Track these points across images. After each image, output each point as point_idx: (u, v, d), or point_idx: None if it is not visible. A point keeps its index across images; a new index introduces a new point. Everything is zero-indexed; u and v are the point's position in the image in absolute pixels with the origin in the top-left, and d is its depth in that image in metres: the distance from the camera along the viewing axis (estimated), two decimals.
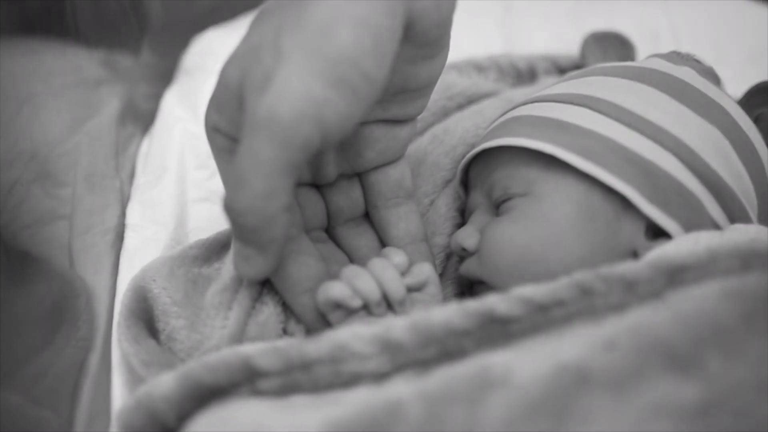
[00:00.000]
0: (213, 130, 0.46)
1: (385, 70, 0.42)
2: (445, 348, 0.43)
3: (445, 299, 0.55)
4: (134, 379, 0.49)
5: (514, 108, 0.56)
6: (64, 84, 0.66)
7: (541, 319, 0.43)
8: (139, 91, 0.72)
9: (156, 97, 0.73)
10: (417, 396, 0.38)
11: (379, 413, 0.37)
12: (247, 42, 0.43)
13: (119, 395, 0.50)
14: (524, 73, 0.71)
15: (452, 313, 0.43)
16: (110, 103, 0.68)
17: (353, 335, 0.43)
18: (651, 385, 0.37)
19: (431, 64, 0.47)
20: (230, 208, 0.42)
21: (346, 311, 0.48)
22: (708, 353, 0.37)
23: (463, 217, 0.59)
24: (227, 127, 0.45)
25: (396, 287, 0.48)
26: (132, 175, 0.65)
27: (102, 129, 0.65)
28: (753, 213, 0.52)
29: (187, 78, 0.76)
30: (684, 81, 0.53)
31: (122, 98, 0.69)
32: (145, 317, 0.51)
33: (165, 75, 0.77)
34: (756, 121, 0.55)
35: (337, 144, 0.51)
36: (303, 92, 0.39)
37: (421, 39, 0.44)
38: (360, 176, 0.54)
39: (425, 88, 0.49)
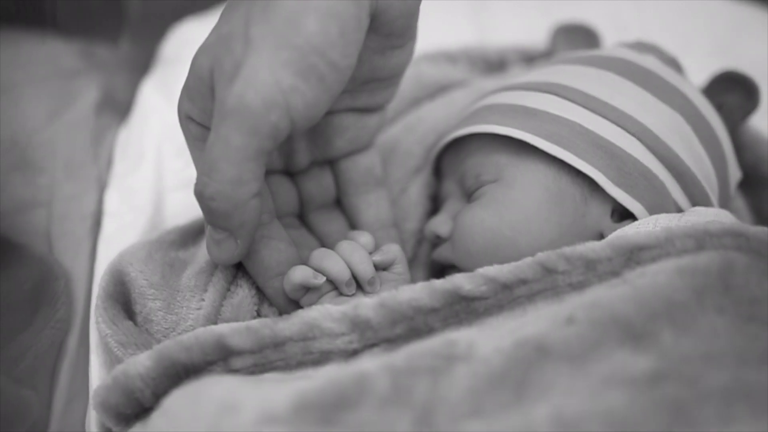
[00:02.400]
0: (186, 118, 0.46)
1: (352, 59, 0.43)
2: (412, 325, 0.45)
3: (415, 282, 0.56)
4: (111, 360, 0.50)
5: (484, 97, 0.58)
6: (43, 74, 0.67)
7: (506, 297, 0.45)
8: (116, 81, 0.73)
9: (133, 87, 0.74)
10: (384, 369, 0.39)
11: (347, 385, 0.39)
12: (217, 31, 0.44)
13: (97, 375, 0.51)
14: (494, 63, 0.72)
15: (419, 291, 0.45)
16: (88, 93, 0.69)
17: (323, 313, 0.45)
18: (607, 356, 0.38)
19: (399, 54, 0.48)
20: (201, 194, 0.43)
21: (317, 293, 0.49)
22: (661, 326, 0.39)
23: (433, 203, 0.60)
24: (199, 115, 0.45)
25: (364, 267, 0.49)
26: (109, 163, 0.66)
27: (80, 118, 0.66)
28: (714, 196, 0.53)
29: (164, 68, 0.77)
30: (648, 69, 0.54)
31: (100, 88, 0.70)
32: (122, 300, 0.52)
33: (142, 65, 0.78)
34: (719, 108, 0.57)
35: (307, 132, 0.52)
36: (271, 81, 0.41)
37: (388, 29, 0.45)
38: (331, 164, 0.55)
39: (393, 78, 0.50)
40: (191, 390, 0.41)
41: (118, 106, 0.71)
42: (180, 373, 0.45)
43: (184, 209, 0.62)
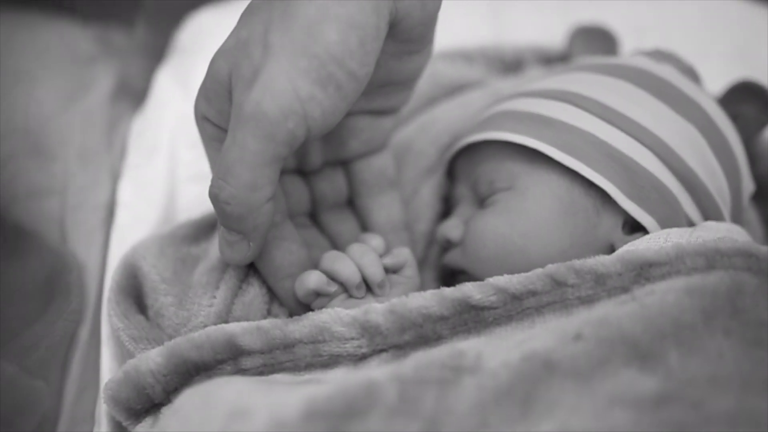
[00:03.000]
0: (202, 119, 0.47)
1: (370, 67, 0.43)
2: (421, 332, 0.45)
3: (425, 285, 0.56)
4: (123, 353, 0.51)
5: (500, 102, 0.57)
6: (58, 60, 0.67)
7: (515, 308, 0.45)
8: (132, 68, 0.73)
9: (148, 75, 0.74)
10: (392, 378, 0.40)
11: (356, 393, 0.39)
12: (236, 35, 0.44)
13: (108, 368, 0.52)
14: (511, 64, 0.71)
15: (429, 299, 0.45)
16: (103, 80, 0.69)
17: (333, 317, 0.46)
18: (613, 375, 0.39)
19: (416, 59, 0.48)
20: (216, 197, 0.44)
21: (327, 297, 0.49)
22: (668, 347, 0.39)
23: (446, 205, 0.60)
24: (216, 117, 0.46)
25: (375, 270, 0.50)
26: (123, 152, 0.66)
27: (95, 106, 0.66)
28: (726, 210, 0.53)
29: (180, 57, 0.76)
30: (665, 79, 0.54)
31: (115, 75, 0.70)
32: (135, 294, 0.52)
33: (158, 52, 0.78)
34: (735, 118, 0.57)
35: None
36: (289, 89, 0.41)
37: (406, 36, 0.45)
38: (344, 165, 0.55)
39: (409, 82, 0.51)
40: (203, 391, 0.42)
41: (134, 94, 0.71)
42: (190, 370, 0.46)
43: (197, 202, 0.62)
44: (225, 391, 0.41)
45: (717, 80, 0.61)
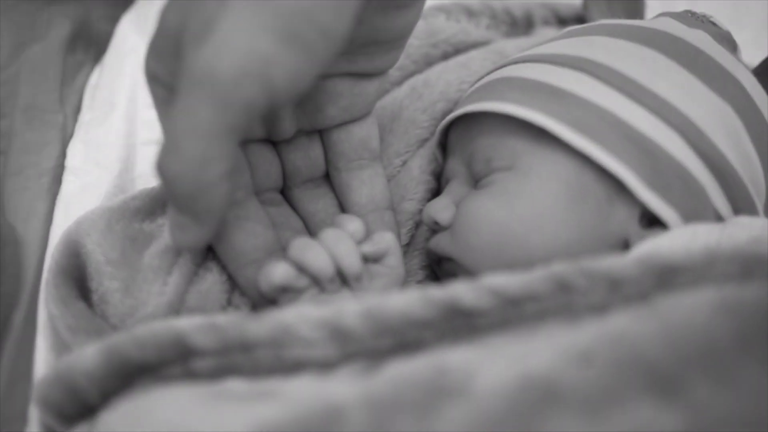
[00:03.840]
0: (152, 78, 0.41)
1: (347, 24, 0.36)
2: (401, 339, 0.39)
3: (410, 272, 0.51)
4: (60, 345, 0.45)
5: (503, 66, 0.51)
6: (7, 1, 0.59)
7: (512, 314, 0.39)
8: (93, 11, 0.65)
9: (113, 21, 0.66)
10: (362, 401, 0.34)
11: (316, 420, 0.33)
12: None
13: (43, 360, 0.46)
14: (520, 21, 0.64)
15: (412, 301, 0.39)
16: (59, 25, 0.61)
17: (300, 318, 0.39)
18: (628, 409, 0.32)
19: (405, 14, 0.42)
20: (162, 172, 0.38)
21: (296, 291, 0.43)
22: (695, 377, 0.33)
23: (438, 182, 0.54)
24: (167, 77, 0.40)
25: (351, 261, 0.44)
26: (78, 110, 0.59)
27: (47, 55, 0.59)
28: (760, 202, 0.47)
29: (146, 1, 0.68)
30: (697, 48, 0.47)
31: (74, 20, 0.62)
32: (77, 275, 0.46)
33: None
34: None
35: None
36: (247, 47, 0.34)
37: None
38: (321, 133, 0.49)
39: (397, 41, 0.44)
40: (135, 410, 0.36)
41: (94, 43, 0.64)
42: (132, 372, 0.40)
43: None
44: (161, 409, 0.35)
45: (749, 49, 0.55)
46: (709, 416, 0.32)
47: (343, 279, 0.44)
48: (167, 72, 0.39)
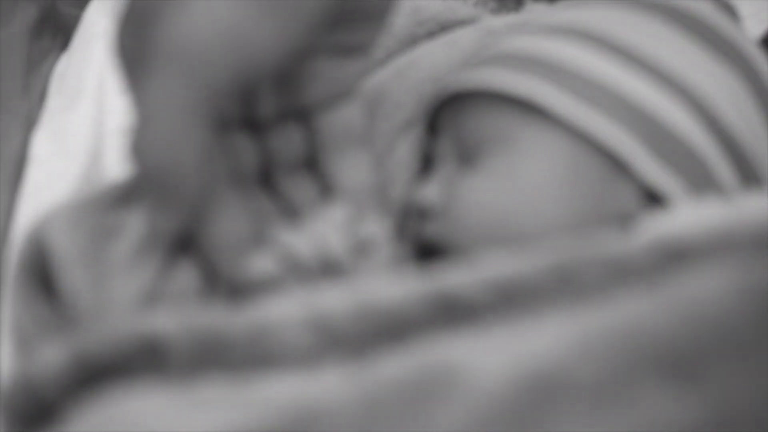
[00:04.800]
0: (121, 54, 0.39)
1: None
2: (390, 330, 0.36)
3: (399, 262, 0.48)
4: (24, 346, 0.43)
5: (494, 39, 0.49)
6: None
7: (510, 303, 0.36)
8: None
9: (83, 6, 0.64)
10: (347, 400, 0.32)
11: (298, 419, 0.31)
12: None
13: (7, 362, 0.45)
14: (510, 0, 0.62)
15: (402, 290, 0.37)
16: (24, 10, 0.59)
17: (280, 310, 0.37)
18: (641, 400, 0.30)
19: None
20: (135, 150, 0.36)
21: (278, 281, 0.41)
22: (714, 362, 0.31)
23: (426, 166, 0.52)
24: (137, 52, 0.37)
25: (337, 247, 0.42)
26: (44, 97, 0.57)
27: (11, 41, 0.57)
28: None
29: None
30: (699, 16, 0.46)
31: (41, 5, 0.60)
32: (42, 272, 0.44)
33: None
34: None
35: (271, 79, 0.43)
36: (223, 20, 0.33)
37: None
38: (302, 117, 0.46)
39: (380, 12, 0.42)
40: (103, 413, 0.34)
41: (62, 29, 0.62)
42: (99, 372, 0.37)
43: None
44: (124, 415, 0.33)
45: (750, 27, 0.53)
46: (731, 403, 0.30)
47: (328, 267, 0.42)
48: (138, 46, 0.37)
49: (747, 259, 0.35)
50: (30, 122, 0.54)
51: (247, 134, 0.45)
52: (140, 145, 0.36)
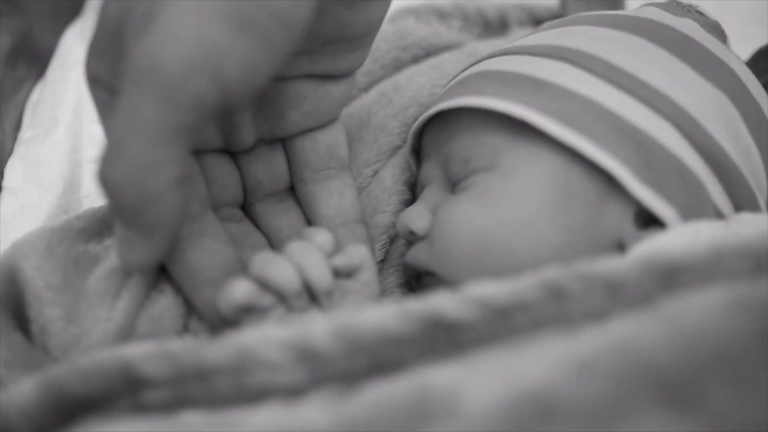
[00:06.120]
0: (93, 80, 0.38)
1: (306, 11, 0.34)
2: (377, 360, 0.35)
3: (386, 290, 0.47)
4: None
5: (479, 61, 0.48)
6: None
7: (501, 326, 0.35)
8: (38, 26, 0.61)
9: (59, 36, 0.63)
10: (335, 429, 0.30)
11: None
12: None
13: None
14: (494, 23, 0.62)
15: (388, 316, 0.35)
16: None
17: (263, 339, 0.35)
18: (637, 422, 0.29)
19: (371, 7, 0.39)
20: (105, 181, 0.35)
21: (260, 312, 0.40)
22: (711, 383, 0.29)
23: (412, 192, 0.51)
24: (108, 77, 0.37)
25: (320, 274, 0.40)
26: (18, 127, 0.56)
27: None
28: (762, 197, 0.44)
29: (93, 13, 0.65)
30: (686, 35, 0.45)
31: (15, 34, 0.58)
32: (14, 303, 0.43)
33: (74, 10, 0.66)
34: (765, 87, 0.47)
35: (251, 103, 0.43)
36: (194, 35, 0.32)
37: None
38: (284, 142, 0.46)
39: (364, 38, 0.41)
40: None
41: (37, 58, 0.60)
42: (74, 407, 0.35)
43: None
44: None
45: (737, 47, 0.52)
46: (730, 425, 0.28)
47: (312, 296, 0.41)
48: (109, 72, 0.36)
49: (742, 279, 0.34)
50: (3, 152, 0.53)
51: (225, 160, 0.44)
52: (109, 171, 0.34)
